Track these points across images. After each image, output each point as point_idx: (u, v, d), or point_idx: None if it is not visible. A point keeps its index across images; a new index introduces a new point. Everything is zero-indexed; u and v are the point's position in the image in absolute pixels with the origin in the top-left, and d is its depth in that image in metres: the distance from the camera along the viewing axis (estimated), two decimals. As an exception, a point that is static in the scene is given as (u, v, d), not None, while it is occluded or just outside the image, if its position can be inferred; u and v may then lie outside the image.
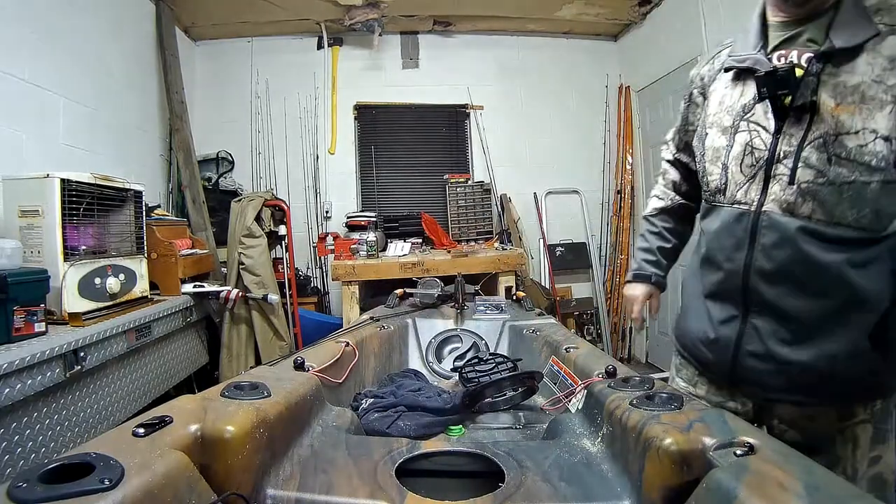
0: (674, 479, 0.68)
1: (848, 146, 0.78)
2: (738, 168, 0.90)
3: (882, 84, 0.76)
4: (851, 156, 0.78)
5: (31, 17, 2.12)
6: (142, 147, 3.04)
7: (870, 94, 0.77)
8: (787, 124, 0.84)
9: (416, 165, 4.03)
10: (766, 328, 0.89)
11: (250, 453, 0.72)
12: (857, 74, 0.78)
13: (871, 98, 0.76)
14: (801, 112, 0.82)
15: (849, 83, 0.78)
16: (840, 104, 0.78)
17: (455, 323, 1.88)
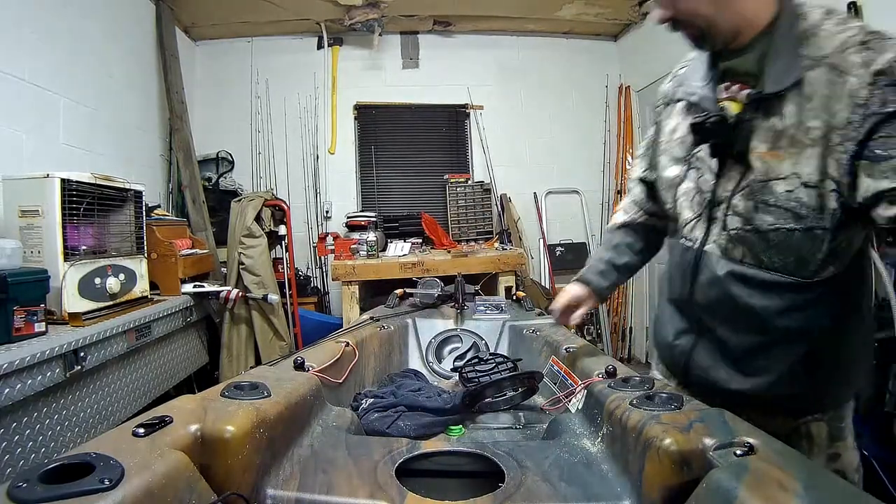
0: (674, 479, 0.68)
1: (777, 192, 0.78)
2: (689, 204, 0.92)
3: (803, 126, 0.74)
4: (779, 202, 0.78)
5: (31, 17, 2.12)
6: (142, 147, 3.04)
7: (797, 137, 0.75)
8: (727, 167, 0.84)
9: (416, 165, 4.04)
10: (711, 349, 0.94)
11: (250, 453, 0.72)
12: (786, 118, 0.76)
13: (798, 141, 0.75)
14: (738, 157, 0.82)
15: (778, 127, 0.76)
16: (771, 149, 0.78)
17: (455, 323, 1.88)
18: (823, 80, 0.71)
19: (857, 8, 2.04)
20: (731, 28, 0.79)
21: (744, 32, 0.80)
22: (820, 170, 0.73)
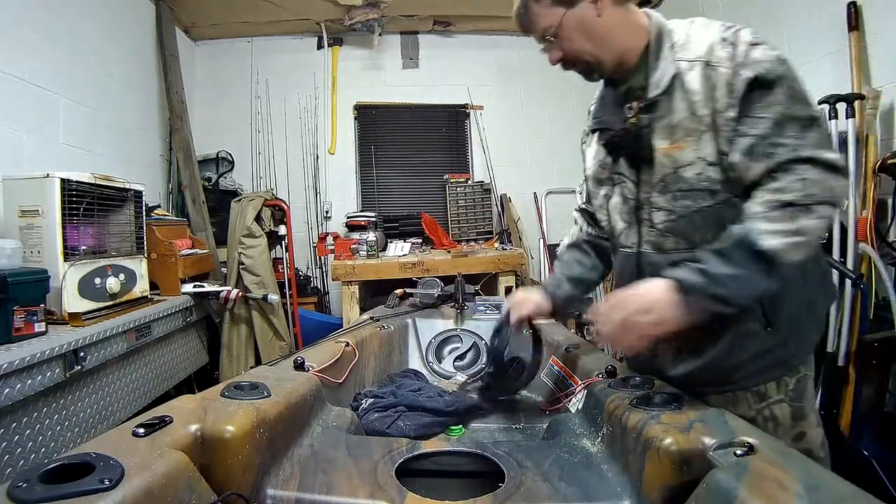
0: (674, 479, 0.68)
1: (687, 178, 0.88)
2: (619, 216, 1.02)
3: (696, 115, 0.85)
4: (692, 186, 0.87)
5: (31, 17, 2.12)
6: (142, 147, 3.04)
7: (692, 127, 0.86)
8: (643, 172, 0.94)
9: (416, 165, 4.04)
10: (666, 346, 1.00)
11: (250, 453, 0.72)
12: (676, 113, 0.87)
13: (694, 130, 0.85)
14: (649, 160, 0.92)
15: (672, 122, 0.87)
16: (672, 143, 0.88)
17: (455, 323, 1.88)
18: (702, 75, 0.84)
19: (858, 8, 2.04)
20: (614, 60, 0.93)
21: (626, 59, 0.93)
22: (717, 149, 0.84)
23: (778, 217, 0.77)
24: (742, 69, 0.80)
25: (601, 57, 0.93)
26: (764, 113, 0.80)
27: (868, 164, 1.90)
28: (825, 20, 2.19)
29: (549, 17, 0.91)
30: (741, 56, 0.81)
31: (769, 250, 0.76)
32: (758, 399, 0.95)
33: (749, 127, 0.81)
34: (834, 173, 0.77)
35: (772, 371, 0.94)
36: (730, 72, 0.81)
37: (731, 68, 0.81)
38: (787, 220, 0.77)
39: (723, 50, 0.82)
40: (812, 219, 0.77)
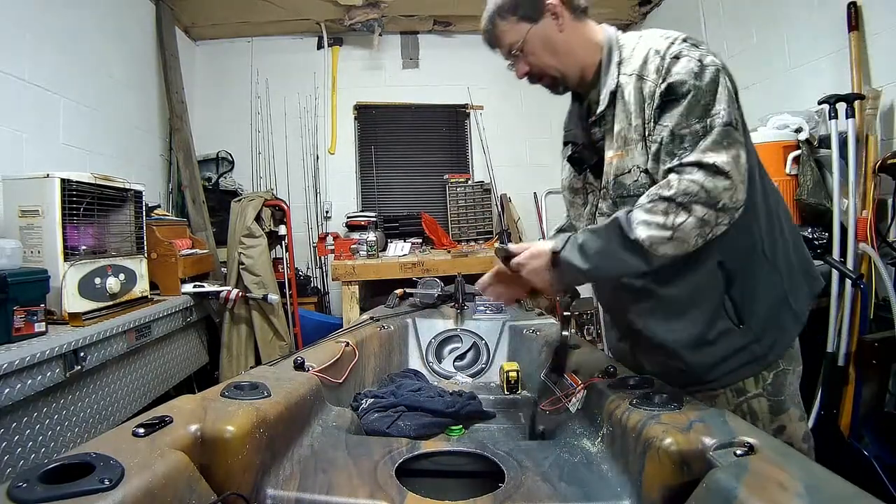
0: (674, 479, 0.68)
1: (626, 185, 0.93)
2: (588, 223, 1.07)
3: (631, 125, 0.90)
4: (630, 192, 0.92)
5: (31, 17, 2.12)
6: (142, 147, 3.04)
7: (629, 137, 0.91)
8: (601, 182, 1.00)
9: (416, 165, 4.03)
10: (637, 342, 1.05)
11: (250, 453, 0.72)
12: (617, 123, 0.93)
13: (630, 139, 0.91)
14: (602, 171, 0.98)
15: (615, 132, 0.94)
16: (616, 151, 0.94)
17: (455, 323, 1.88)
18: (634, 88, 0.90)
19: (858, 8, 2.04)
20: (576, 74, 0.99)
21: (586, 74, 0.99)
22: (647, 157, 0.89)
23: (655, 210, 0.82)
24: (662, 82, 0.86)
25: (565, 71, 0.98)
26: (666, 122, 0.86)
27: (868, 164, 1.90)
28: (825, 20, 2.19)
29: (514, 34, 0.97)
30: (664, 69, 0.86)
31: (637, 239, 0.82)
32: (736, 394, 0.97)
33: (657, 135, 0.87)
34: (716, 175, 0.80)
35: (748, 367, 0.95)
36: (653, 84, 0.87)
37: (655, 81, 0.87)
38: (661, 214, 0.82)
39: (652, 63, 0.88)
40: (687, 217, 0.81)
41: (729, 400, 0.97)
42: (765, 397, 0.96)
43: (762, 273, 0.95)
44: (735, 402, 0.97)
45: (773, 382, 0.96)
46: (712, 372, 0.96)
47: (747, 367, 0.95)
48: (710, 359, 0.95)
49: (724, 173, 0.81)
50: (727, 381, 0.97)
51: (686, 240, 0.82)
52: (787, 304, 0.97)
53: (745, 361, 0.95)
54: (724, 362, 0.95)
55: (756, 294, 0.94)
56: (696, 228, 0.82)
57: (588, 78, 0.99)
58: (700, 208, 0.81)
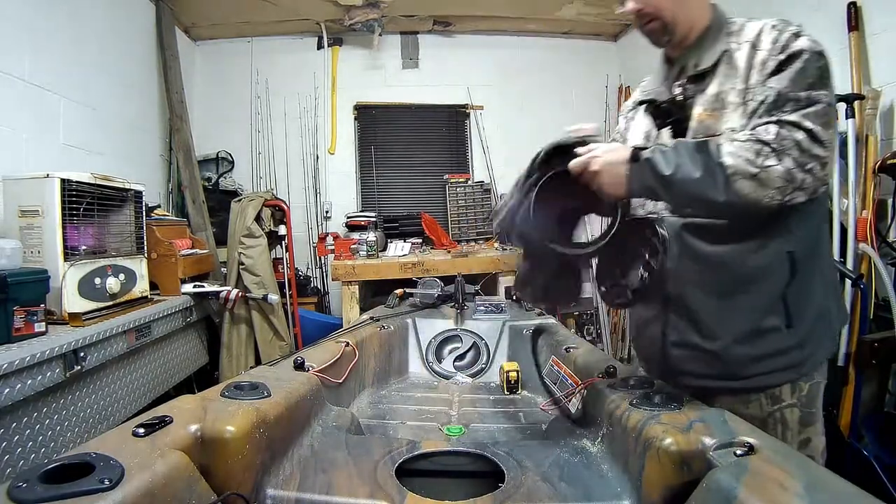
0: (674, 479, 0.68)
1: None
2: None
3: (734, 90, 0.91)
4: None
5: (31, 17, 2.11)
6: (142, 147, 3.03)
7: (728, 100, 0.91)
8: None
9: (416, 165, 4.03)
10: (679, 322, 1.00)
11: (250, 453, 0.72)
12: (715, 84, 0.93)
13: (729, 103, 0.91)
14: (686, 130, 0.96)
15: (710, 93, 0.94)
16: (705, 111, 0.94)
17: (455, 323, 1.88)
18: (745, 54, 0.91)
19: (857, 8, 2.04)
20: (686, 26, 0.97)
21: (692, 32, 0.98)
22: (743, 123, 0.88)
23: (747, 147, 0.81)
24: (779, 53, 0.86)
25: (678, 18, 0.97)
26: (773, 84, 0.85)
27: (868, 165, 1.90)
28: (825, 20, 2.18)
29: None
30: (783, 41, 0.87)
31: (722, 163, 0.81)
32: (771, 401, 0.95)
33: (760, 94, 0.86)
34: (813, 140, 0.80)
35: (783, 373, 0.94)
36: (767, 54, 0.88)
37: (769, 50, 0.87)
38: (753, 152, 0.81)
39: (768, 35, 0.89)
40: (777, 164, 0.80)
41: (762, 406, 0.96)
42: (798, 408, 0.95)
43: (816, 280, 0.94)
44: (769, 409, 0.96)
45: (808, 394, 0.95)
46: (749, 368, 0.94)
47: (783, 373, 0.94)
48: (752, 352, 0.93)
49: (820, 142, 0.80)
50: (760, 382, 0.95)
51: (766, 185, 0.81)
52: (828, 321, 0.97)
53: (782, 366, 0.93)
54: (762, 361, 0.93)
55: (808, 299, 0.93)
56: (780, 179, 0.80)
57: (690, 38, 0.99)
58: (790, 161, 0.80)
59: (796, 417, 0.95)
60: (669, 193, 0.86)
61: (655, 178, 0.85)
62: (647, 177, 0.86)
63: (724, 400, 0.98)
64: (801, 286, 0.92)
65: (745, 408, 0.96)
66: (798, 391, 0.95)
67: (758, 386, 0.95)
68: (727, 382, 0.97)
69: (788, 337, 0.92)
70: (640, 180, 0.87)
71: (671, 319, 1.00)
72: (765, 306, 0.92)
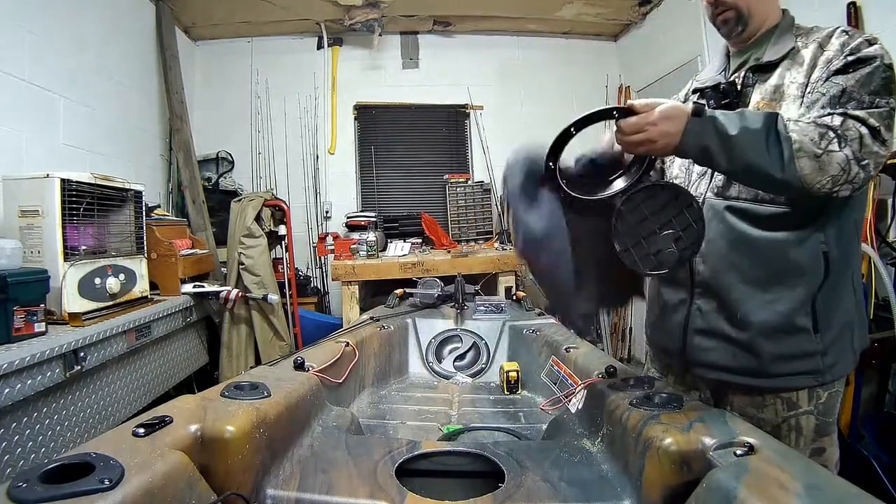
0: (674, 479, 0.68)
1: None
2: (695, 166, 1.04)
3: (795, 83, 0.93)
4: None
5: (30, 17, 2.12)
6: (142, 147, 3.03)
7: (788, 93, 0.93)
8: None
9: (416, 165, 4.03)
10: (708, 308, 0.99)
11: (250, 453, 0.72)
12: (776, 77, 0.95)
13: (788, 95, 0.93)
14: None
15: (771, 84, 0.95)
16: (762, 100, 0.95)
17: (455, 323, 1.88)
18: (811, 53, 0.93)
19: (857, 8, 2.04)
20: (759, 19, 1.00)
21: (762, 27, 1.01)
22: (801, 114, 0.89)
23: (812, 129, 0.81)
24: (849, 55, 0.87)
25: (753, 10, 0.99)
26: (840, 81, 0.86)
27: (868, 164, 1.89)
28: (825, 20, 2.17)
29: None
30: (853, 44, 0.88)
31: (789, 137, 0.80)
32: (787, 407, 0.94)
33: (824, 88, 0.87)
34: (875, 137, 0.81)
35: (804, 377, 0.93)
36: (834, 53, 0.89)
37: (836, 53, 0.89)
38: (818, 135, 0.80)
39: (838, 38, 0.91)
40: (839, 151, 0.80)
41: (778, 411, 0.95)
42: (814, 416, 0.94)
43: (846, 290, 0.95)
44: (784, 414, 0.95)
45: (825, 402, 0.94)
46: (773, 366, 0.93)
47: (804, 377, 0.93)
48: (778, 350, 0.93)
49: (882, 141, 0.82)
50: (780, 383, 0.94)
51: (825, 169, 0.80)
52: (851, 334, 0.96)
53: (804, 370, 0.93)
54: (788, 361, 0.93)
55: (836, 307, 0.93)
56: (838, 166, 0.80)
57: (760, 32, 1.01)
58: (850, 152, 0.80)
59: (812, 425, 0.94)
60: (727, 156, 0.81)
61: (717, 136, 0.81)
62: (707, 134, 0.81)
63: (738, 401, 0.98)
64: (831, 292, 0.92)
65: (759, 411, 0.96)
66: (816, 398, 0.94)
67: (776, 387, 0.94)
68: (747, 379, 0.96)
69: (814, 342, 0.92)
70: (697, 137, 0.81)
71: (699, 304, 0.99)
72: (797, 304, 0.91)
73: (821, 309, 0.91)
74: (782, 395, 0.94)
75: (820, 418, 0.94)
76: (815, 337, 0.92)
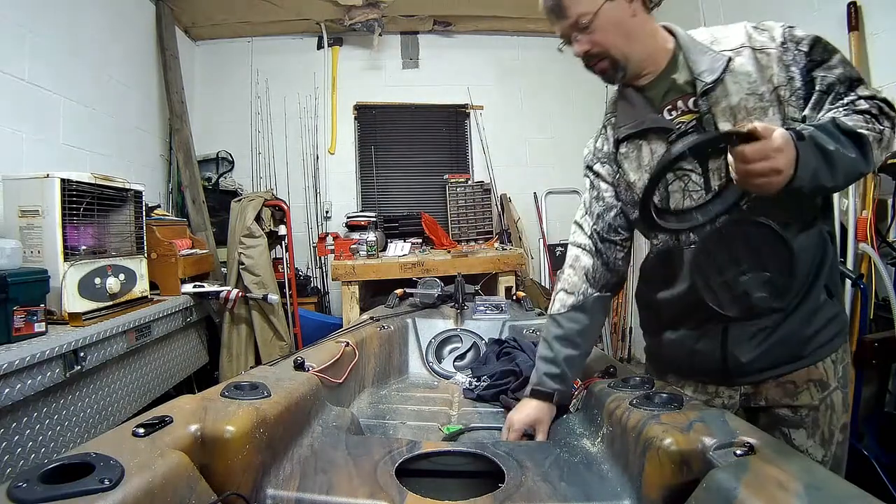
0: (674, 479, 0.68)
1: None
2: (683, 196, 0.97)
3: (755, 95, 0.89)
4: None
5: (31, 17, 2.11)
6: (142, 147, 3.04)
7: (751, 106, 0.89)
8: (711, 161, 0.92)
9: (416, 165, 4.03)
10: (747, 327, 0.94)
11: (250, 453, 0.72)
12: (732, 95, 0.90)
13: (755, 108, 0.89)
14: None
15: (731, 104, 0.90)
16: (735, 123, 0.89)
17: (455, 323, 1.88)
18: (752, 58, 0.90)
19: (857, 8, 2.04)
20: (640, 61, 0.97)
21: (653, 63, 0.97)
22: (784, 119, 0.89)
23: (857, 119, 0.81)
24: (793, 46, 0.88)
25: (630, 55, 0.95)
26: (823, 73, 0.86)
27: (868, 165, 1.89)
28: (825, 20, 2.18)
29: (588, 4, 0.93)
30: (783, 36, 0.89)
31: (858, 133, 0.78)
32: (820, 389, 0.95)
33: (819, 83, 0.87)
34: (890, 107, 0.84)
35: (838, 338, 0.97)
36: (779, 51, 0.89)
37: (779, 48, 0.89)
38: (863, 120, 0.81)
39: (761, 35, 0.91)
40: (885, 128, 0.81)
41: (813, 395, 0.95)
42: (839, 390, 0.96)
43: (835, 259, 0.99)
44: (820, 396, 0.95)
45: (843, 375, 0.97)
46: (811, 344, 0.94)
47: (838, 338, 0.96)
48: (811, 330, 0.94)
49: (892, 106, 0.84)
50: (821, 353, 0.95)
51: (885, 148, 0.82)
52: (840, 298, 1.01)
53: (836, 331, 0.96)
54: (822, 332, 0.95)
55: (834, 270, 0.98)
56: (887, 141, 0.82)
57: (656, 66, 0.98)
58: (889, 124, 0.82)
59: (840, 400, 0.96)
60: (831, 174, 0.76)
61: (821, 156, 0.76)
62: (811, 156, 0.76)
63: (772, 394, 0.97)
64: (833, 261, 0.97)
65: (794, 399, 0.96)
66: (837, 374, 0.96)
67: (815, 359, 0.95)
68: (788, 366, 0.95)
69: (832, 306, 0.96)
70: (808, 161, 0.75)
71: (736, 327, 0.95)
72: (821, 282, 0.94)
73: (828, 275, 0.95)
74: (813, 378, 0.95)
75: (843, 391, 0.97)
76: (833, 301, 0.96)
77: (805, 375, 0.95)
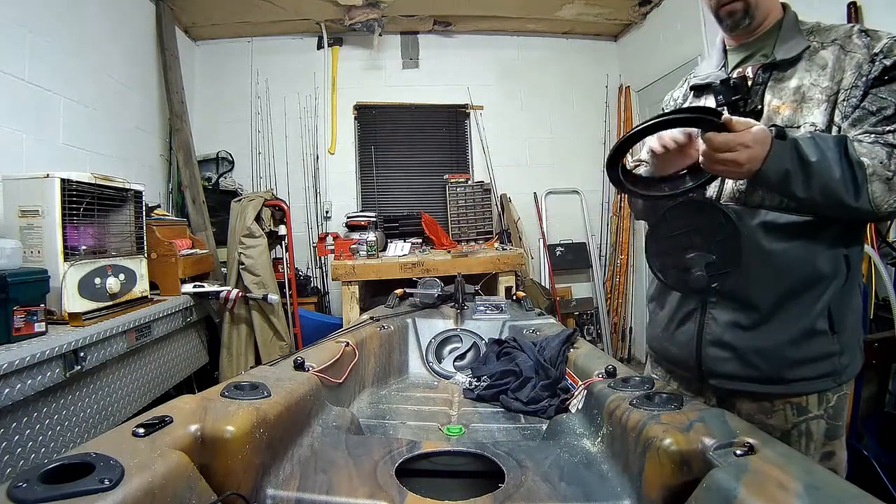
0: (674, 479, 0.68)
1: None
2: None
3: (818, 87, 0.90)
4: None
5: (30, 17, 2.11)
6: (142, 147, 3.04)
7: (809, 95, 0.91)
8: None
9: (416, 165, 4.03)
10: (724, 318, 0.96)
11: (250, 453, 0.72)
12: (796, 79, 0.93)
13: (810, 98, 0.91)
14: (753, 115, 0.92)
15: (790, 86, 0.93)
16: (783, 103, 0.92)
17: (455, 323, 1.88)
18: (833, 55, 0.91)
19: (857, 8, 2.04)
20: (763, 14, 0.98)
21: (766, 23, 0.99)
22: (828, 119, 0.89)
23: (878, 151, 0.81)
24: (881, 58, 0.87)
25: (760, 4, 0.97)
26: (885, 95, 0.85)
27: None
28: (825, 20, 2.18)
29: None
30: (881, 47, 0.88)
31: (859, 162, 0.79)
32: (796, 412, 0.93)
33: (869, 103, 0.86)
34: None
35: (824, 380, 0.92)
36: (864, 58, 0.88)
37: (865, 56, 0.88)
38: (885, 155, 0.80)
39: (860, 39, 0.91)
40: None
41: (787, 417, 0.93)
42: (824, 420, 0.93)
43: (855, 289, 0.94)
44: (794, 420, 0.93)
45: (835, 406, 0.93)
46: (795, 371, 0.91)
47: (823, 380, 0.92)
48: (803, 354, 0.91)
49: None
50: (800, 388, 0.92)
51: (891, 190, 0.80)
52: (859, 336, 0.96)
53: (825, 372, 0.91)
54: (808, 364, 0.91)
55: (849, 307, 0.93)
56: None
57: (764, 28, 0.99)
58: None
59: (822, 430, 0.93)
60: (804, 184, 0.80)
61: (797, 161, 0.79)
62: (787, 158, 0.79)
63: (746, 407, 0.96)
64: (845, 292, 0.92)
65: (768, 417, 0.94)
66: (826, 402, 0.93)
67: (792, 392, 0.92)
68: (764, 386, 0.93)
69: (832, 342, 0.91)
70: (779, 162, 0.79)
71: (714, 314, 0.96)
72: (820, 309, 0.91)
73: (835, 310, 0.91)
74: (792, 401, 0.93)
75: (829, 422, 0.93)
76: (832, 338, 0.91)
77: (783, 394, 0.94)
